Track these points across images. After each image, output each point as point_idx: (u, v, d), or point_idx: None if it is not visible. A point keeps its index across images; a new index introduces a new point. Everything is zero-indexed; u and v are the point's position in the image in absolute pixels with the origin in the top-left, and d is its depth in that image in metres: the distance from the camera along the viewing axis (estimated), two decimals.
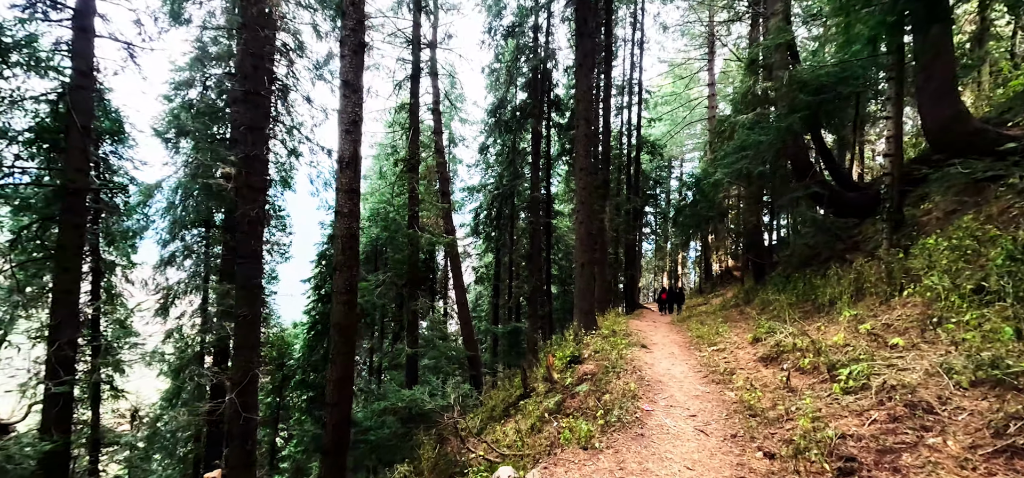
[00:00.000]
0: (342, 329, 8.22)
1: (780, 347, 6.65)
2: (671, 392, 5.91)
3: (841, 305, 7.51)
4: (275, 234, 18.22)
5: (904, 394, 4.00)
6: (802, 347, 6.20)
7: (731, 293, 21.70)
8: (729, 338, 8.76)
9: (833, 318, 7.52)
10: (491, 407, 11.19)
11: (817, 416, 4.19)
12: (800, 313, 8.64)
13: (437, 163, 16.57)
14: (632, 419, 4.90)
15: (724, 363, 7.02)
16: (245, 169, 9.09)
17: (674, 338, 10.44)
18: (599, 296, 16.28)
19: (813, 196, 9.53)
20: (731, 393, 5.69)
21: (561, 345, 10.52)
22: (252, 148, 9.27)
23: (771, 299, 10.75)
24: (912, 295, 6.16)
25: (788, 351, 6.41)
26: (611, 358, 7.72)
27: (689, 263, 42.00)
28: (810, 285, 9.11)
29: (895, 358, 4.91)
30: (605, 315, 14.66)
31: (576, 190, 10.98)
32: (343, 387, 8.27)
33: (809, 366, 5.66)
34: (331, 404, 8.19)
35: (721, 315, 12.89)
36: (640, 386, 6.13)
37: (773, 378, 5.86)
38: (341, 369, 8.24)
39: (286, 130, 17.47)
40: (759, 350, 7.29)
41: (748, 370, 6.55)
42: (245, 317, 8.58)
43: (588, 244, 10.74)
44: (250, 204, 9.00)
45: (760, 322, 8.67)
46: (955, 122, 6.93)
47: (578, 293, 10.86)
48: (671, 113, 32.86)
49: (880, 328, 5.93)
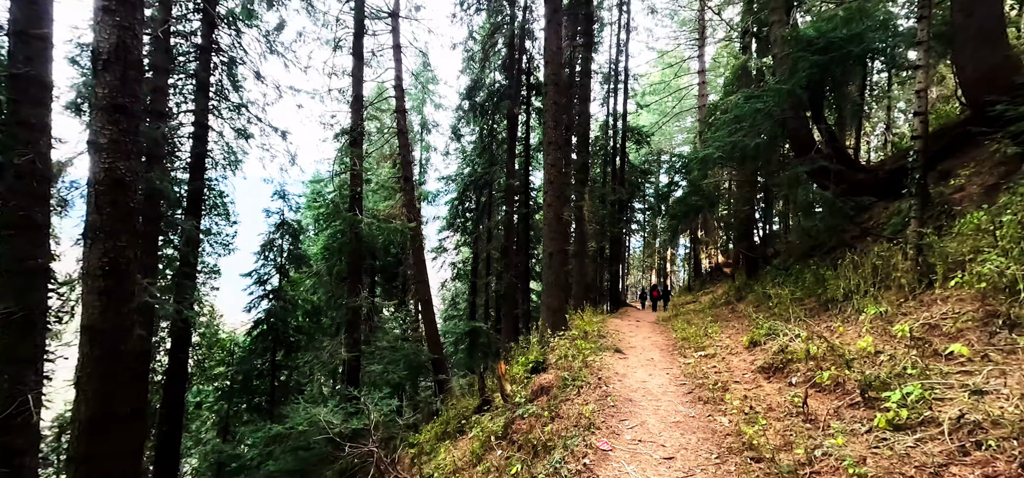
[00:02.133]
0: (100, 337, 4.94)
1: (786, 354, 5.14)
2: (643, 418, 4.35)
3: (860, 300, 6.03)
4: (219, 225, 16.43)
5: (1005, 439, 2.47)
6: (817, 355, 4.69)
7: (721, 290, 20.31)
8: (720, 341, 7.25)
9: (849, 316, 6.04)
10: (445, 420, 9.60)
11: (861, 473, 2.65)
12: (804, 310, 7.16)
13: (400, 145, 14.89)
14: (579, 468, 3.33)
15: (714, 374, 5.49)
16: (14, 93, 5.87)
17: (656, 340, 8.92)
18: (577, 292, 14.74)
19: (818, 173, 8.08)
20: (724, 419, 4.15)
21: (527, 348, 8.96)
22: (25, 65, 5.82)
23: (769, 294, 9.29)
24: (959, 286, 4.68)
25: (798, 360, 4.89)
26: (574, 367, 6.17)
27: (678, 260, 40.77)
28: (817, 277, 7.63)
29: (960, 374, 3.40)
30: (582, 313, 13.13)
31: (544, 167, 9.42)
32: (104, 433, 4.94)
33: (829, 382, 4.14)
34: (78, 459, 4.88)
35: (710, 314, 11.42)
36: (602, 409, 4.56)
37: (780, 397, 4.33)
38: (100, 403, 4.91)
39: (233, 108, 15.71)
40: (758, 357, 5.78)
41: (746, 385, 5.02)
42: (10, 316, 5.49)
43: (558, 231, 9.17)
44: (23, 146, 5.81)
45: (757, 321, 7.17)
46: (1003, 70, 5.47)
47: (546, 288, 9.31)
48: (659, 103, 31.47)
49: (921, 330, 4.43)
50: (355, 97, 11.08)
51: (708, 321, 9.62)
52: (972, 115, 8.16)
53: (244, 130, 15.94)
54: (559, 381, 5.72)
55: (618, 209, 20.93)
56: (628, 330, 10.63)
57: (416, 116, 22.38)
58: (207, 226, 15.75)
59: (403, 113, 15.07)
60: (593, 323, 9.94)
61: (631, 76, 23.33)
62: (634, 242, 41.86)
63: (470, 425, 7.59)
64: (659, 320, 13.43)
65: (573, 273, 14.92)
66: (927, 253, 5.70)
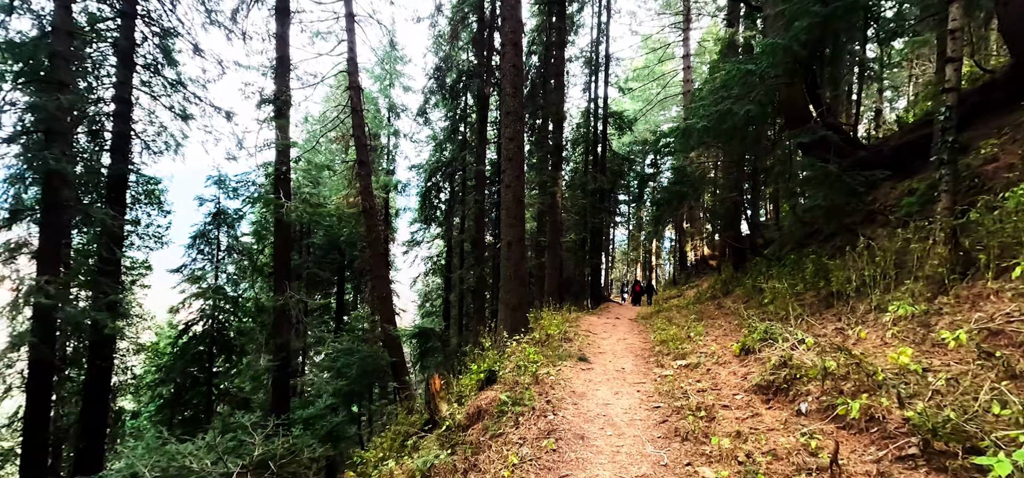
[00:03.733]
0: None
1: (791, 368, 3.86)
2: (593, 472, 3.02)
3: (879, 296, 4.79)
4: (152, 215, 14.66)
5: None
6: (835, 371, 3.40)
7: (707, 284, 19.24)
8: (705, 345, 5.98)
9: (865, 316, 4.81)
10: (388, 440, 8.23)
11: None
12: (804, 307, 5.94)
13: (354, 125, 13.35)
14: None
15: (697, 394, 4.20)
16: None
17: (632, 343, 7.64)
18: (550, 287, 13.44)
19: (818, 145, 6.85)
20: (709, 473, 2.84)
21: (483, 354, 7.60)
22: None
23: (760, 288, 8.09)
24: (1021, 278, 3.45)
25: (807, 377, 3.61)
26: (523, 383, 4.83)
27: (664, 253, 39.85)
28: (818, 268, 6.42)
29: None
30: (555, 310, 11.85)
31: (502, 142, 8.05)
32: None
33: (861, 416, 2.85)
34: None
35: (695, 310, 10.21)
36: (537, 456, 3.22)
37: (788, 437, 3.04)
38: None
39: (169, 85, 13.93)
40: (752, 369, 4.51)
41: (737, 410, 3.73)
42: None
43: (517, 216, 7.82)
44: None
45: (749, 321, 5.92)
46: None
47: (504, 283, 7.97)
48: (643, 90, 30.30)
49: (981, 336, 3.19)
50: (279, 59, 9.52)
51: (691, 320, 8.38)
52: (1005, 74, 7.02)
53: (183, 110, 14.19)
54: (495, 407, 4.37)
55: (599, 198, 19.67)
56: (602, 330, 9.35)
57: (383, 99, 20.78)
58: (137, 217, 14.04)
59: (357, 90, 13.52)
60: (560, 323, 8.62)
61: (613, 59, 22.03)
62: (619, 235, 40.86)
63: (407, 451, 6.26)
64: (639, 317, 12.20)
65: (547, 266, 13.61)
66: (963, 237, 4.49)
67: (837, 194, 5.96)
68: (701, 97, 7.98)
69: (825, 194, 6.03)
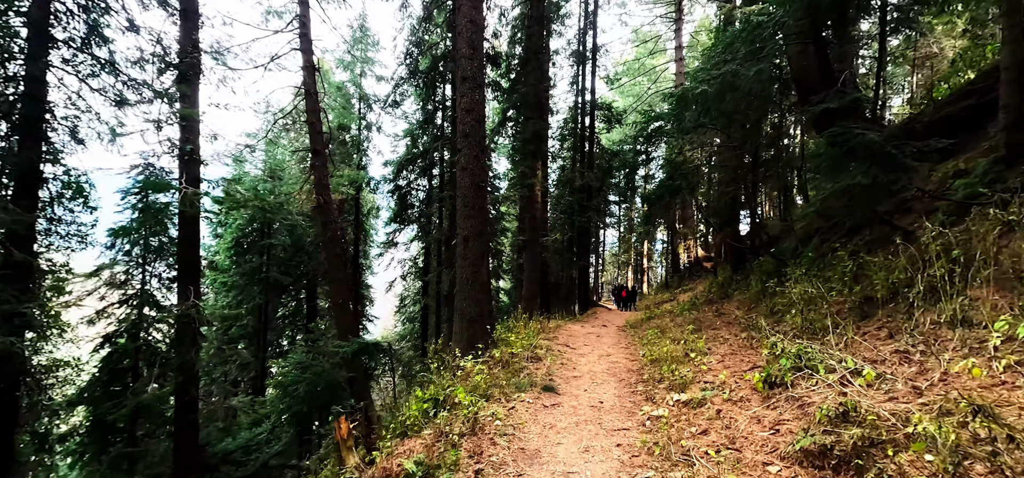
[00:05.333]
0: None
1: (861, 425, 2.39)
2: None
3: (951, 304, 3.36)
4: (74, 212, 12.92)
5: None
6: (959, 440, 1.94)
7: (702, 287, 17.90)
8: (709, 368, 4.53)
9: (932, 331, 3.39)
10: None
11: None
12: (833, 311, 4.52)
13: (307, 109, 11.79)
14: None
15: (705, 457, 2.73)
16: None
17: (617, 360, 6.17)
18: (530, 291, 11.95)
19: (848, 111, 5.46)
20: None
21: (438, 376, 6.09)
22: None
23: (768, 291, 6.69)
24: None
25: (901, 445, 2.15)
26: (452, 435, 3.33)
27: (656, 256, 38.63)
28: (850, 266, 5.01)
29: None
30: (536, 317, 10.37)
31: (458, 114, 6.59)
32: None
33: None
34: None
35: (691, 317, 8.80)
36: None
37: None
38: None
39: (101, 65, 12.25)
40: (786, 415, 3.05)
41: None
42: None
43: (475, 205, 6.35)
44: None
45: (767, 336, 4.48)
46: None
47: (459, 287, 6.49)
48: (633, 84, 29.07)
49: None
50: (183, 11, 7.94)
51: (689, 330, 6.94)
52: None
53: (120, 95, 12.50)
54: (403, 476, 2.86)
55: (587, 196, 18.26)
56: (583, 343, 7.87)
57: (354, 88, 19.23)
58: (56, 214, 12.30)
59: (311, 70, 11.97)
60: (532, 336, 7.11)
61: (601, 49, 20.70)
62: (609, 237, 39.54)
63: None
64: (627, 325, 10.75)
65: (525, 268, 12.14)
66: None
67: (882, 170, 4.55)
68: (705, 62, 6.57)
69: (865, 171, 4.63)
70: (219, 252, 17.10)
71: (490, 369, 5.26)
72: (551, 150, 23.08)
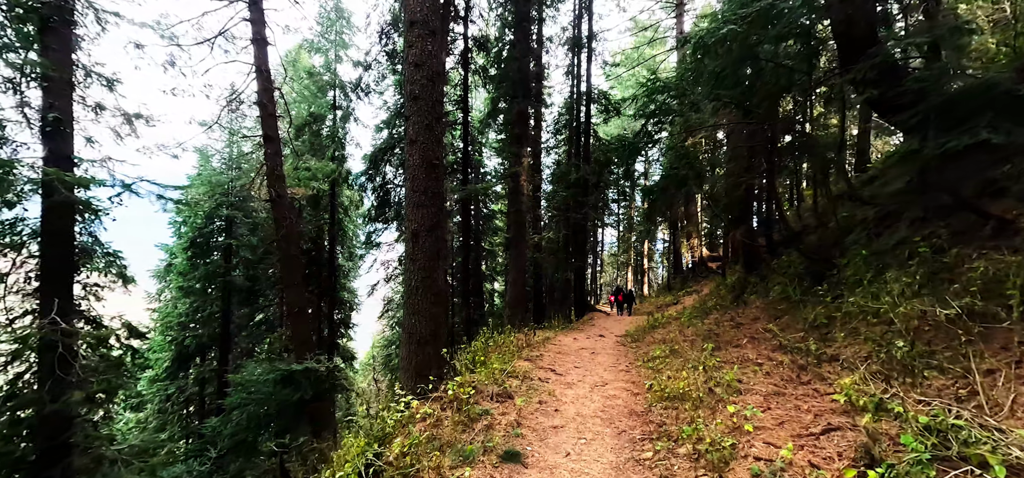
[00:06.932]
0: None
1: None
2: None
3: None
4: None
5: None
6: None
7: (708, 289, 16.39)
8: (749, 419, 3.03)
9: None
10: None
11: None
12: (906, 329, 3.04)
13: (258, 89, 10.29)
14: None
15: None
16: None
17: (613, 394, 4.66)
18: (514, 297, 10.40)
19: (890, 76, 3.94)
20: None
21: (384, 414, 4.58)
22: None
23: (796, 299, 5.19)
24: None
25: None
26: None
27: (657, 256, 37.10)
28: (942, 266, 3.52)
29: None
30: (517, 328, 8.85)
31: (405, 68, 5.05)
32: None
33: None
34: None
35: (702, 328, 7.29)
36: None
37: None
38: None
39: None
40: None
41: None
42: None
43: (429, 188, 4.82)
44: None
45: (840, 371, 2.98)
46: None
47: (407, 298, 4.97)
48: (632, 75, 27.55)
49: None
50: None
51: (707, 349, 5.43)
52: None
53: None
54: None
55: (583, 191, 16.75)
56: (573, 363, 6.35)
57: (328, 75, 17.70)
58: None
59: (262, 44, 10.47)
60: (507, 358, 5.57)
61: (597, 36, 19.21)
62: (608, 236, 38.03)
63: None
64: (628, 336, 9.24)
65: (509, 270, 10.62)
66: None
67: (1016, 124, 3.04)
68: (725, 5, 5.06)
69: (995, 127, 3.10)
70: (176, 253, 15.55)
71: (438, 414, 3.74)
72: (546, 144, 21.59)
